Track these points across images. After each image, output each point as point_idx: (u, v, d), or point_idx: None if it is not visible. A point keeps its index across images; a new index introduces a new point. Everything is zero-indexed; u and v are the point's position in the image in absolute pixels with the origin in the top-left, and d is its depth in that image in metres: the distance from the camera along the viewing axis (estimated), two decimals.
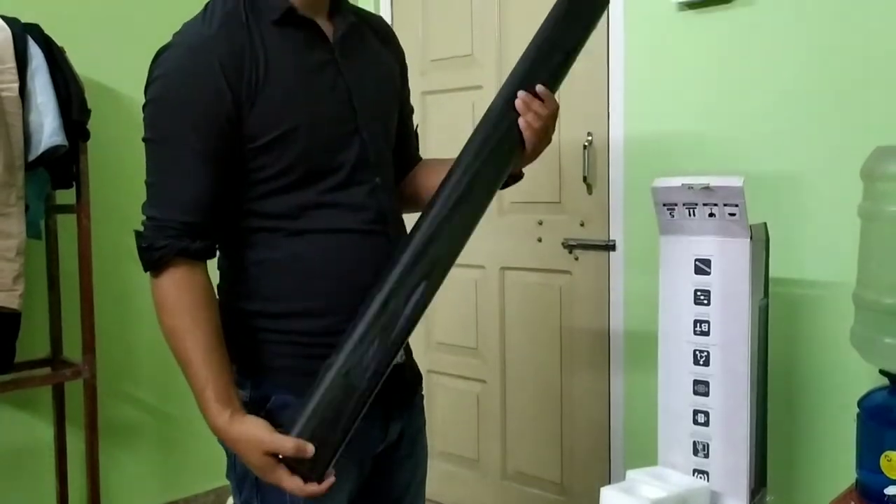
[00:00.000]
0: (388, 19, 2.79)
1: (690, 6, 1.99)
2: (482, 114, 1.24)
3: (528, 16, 2.39)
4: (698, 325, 1.54)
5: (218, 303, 1.22)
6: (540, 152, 1.26)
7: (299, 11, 1.19)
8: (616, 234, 2.23)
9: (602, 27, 2.21)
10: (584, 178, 2.27)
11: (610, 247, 2.24)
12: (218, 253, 1.26)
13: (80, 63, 2.12)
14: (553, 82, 1.23)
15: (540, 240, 2.41)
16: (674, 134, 2.05)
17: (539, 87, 1.20)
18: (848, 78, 1.77)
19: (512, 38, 2.43)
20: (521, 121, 1.19)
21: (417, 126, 1.49)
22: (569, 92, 2.29)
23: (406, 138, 1.43)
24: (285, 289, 1.22)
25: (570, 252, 2.34)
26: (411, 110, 1.46)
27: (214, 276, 1.25)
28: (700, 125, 2.00)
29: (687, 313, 1.55)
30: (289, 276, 1.21)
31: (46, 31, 2.01)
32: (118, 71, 2.31)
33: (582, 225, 2.31)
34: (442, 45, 2.63)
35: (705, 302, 1.53)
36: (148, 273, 1.16)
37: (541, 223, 2.40)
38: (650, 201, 1.94)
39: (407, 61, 1.45)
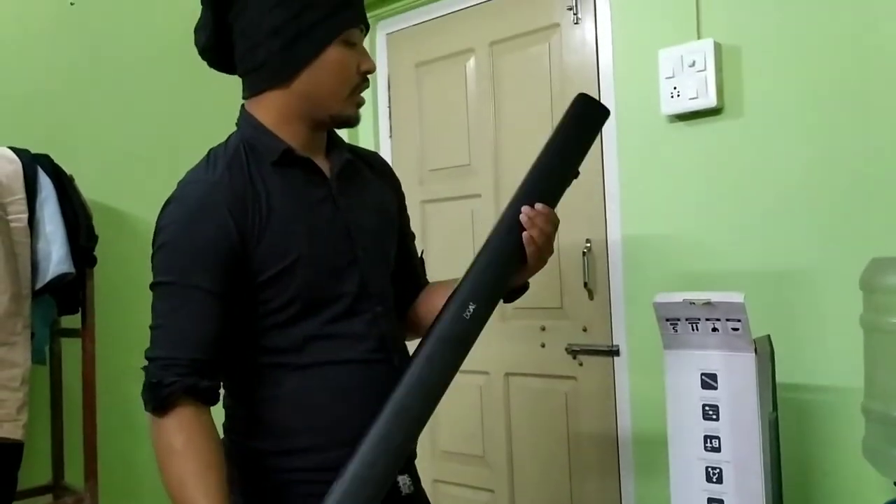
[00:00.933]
0: (385, 130, 2.87)
1: (680, 118, 2.06)
2: (481, 221, 1.29)
3: (524, 126, 2.46)
4: (709, 440, 1.53)
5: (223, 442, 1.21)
6: (542, 266, 1.30)
7: (296, 152, 1.24)
8: (619, 339, 2.23)
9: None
10: (585, 284, 2.29)
11: (614, 352, 2.24)
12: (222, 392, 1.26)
13: (88, 187, 2.17)
14: (553, 198, 1.29)
15: (543, 345, 2.42)
16: (671, 240, 2.08)
17: (538, 204, 1.25)
18: (840, 187, 1.81)
19: (508, 147, 2.50)
20: (525, 235, 1.24)
21: (423, 252, 1.52)
22: (567, 199, 2.33)
23: (408, 264, 1.46)
24: (291, 425, 1.22)
25: (574, 357, 2.34)
26: (413, 237, 1.50)
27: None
28: (697, 232, 2.04)
29: (696, 428, 1.55)
30: (293, 411, 1.21)
31: (56, 160, 2.06)
32: (124, 194, 2.37)
33: (585, 330, 2.32)
34: (440, 155, 2.70)
35: (714, 417, 1.52)
36: (149, 414, 1.12)
37: (543, 329, 2.41)
38: (651, 307, 1.96)
39: (406, 171, 1.49)
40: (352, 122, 1.28)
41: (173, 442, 1.10)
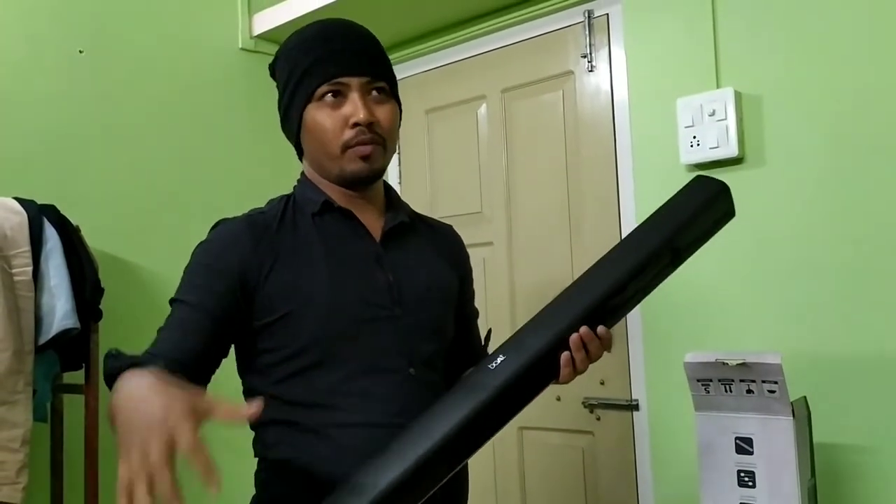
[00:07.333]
0: (395, 177, 2.83)
1: (700, 167, 2.02)
2: (493, 271, 1.22)
3: (537, 173, 2.43)
4: None
5: None
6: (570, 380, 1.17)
7: (335, 204, 1.25)
8: (639, 394, 2.17)
9: (612, 185, 2.24)
10: None
11: (633, 406, 2.18)
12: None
13: (95, 237, 2.11)
14: (620, 314, 1.18)
15: (559, 398, 2.35)
16: (693, 293, 2.03)
17: (601, 329, 1.12)
18: (867, 237, 1.77)
19: (521, 195, 2.46)
20: (565, 356, 1.11)
21: (490, 331, 1.45)
22: (585, 248, 2.31)
23: (466, 342, 1.42)
24: (300, 498, 1.15)
25: (591, 412, 2.27)
26: (476, 314, 1.48)
27: None
28: (719, 284, 1.98)
29: (732, 496, 1.47)
30: (307, 481, 1.15)
31: (62, 210, 2.01)
32: (132, 244, 2.30)
33: (602, 383, 2.25)
34: (450, 201, 2.66)
35: (750, 484, 1.45)
36: None
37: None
38: (672, 360, 1.89)
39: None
40: (358, 177, 1.23)
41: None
